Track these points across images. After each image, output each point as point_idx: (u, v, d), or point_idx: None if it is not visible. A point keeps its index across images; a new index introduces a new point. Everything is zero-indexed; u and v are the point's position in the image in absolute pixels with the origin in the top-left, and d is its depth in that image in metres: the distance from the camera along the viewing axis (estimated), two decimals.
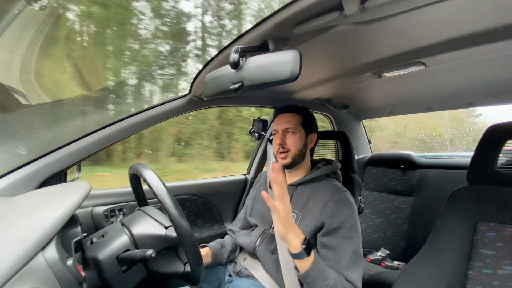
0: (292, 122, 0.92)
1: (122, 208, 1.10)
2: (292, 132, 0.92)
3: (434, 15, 0.60)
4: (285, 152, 0.91)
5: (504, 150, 0.79)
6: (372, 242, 1.65)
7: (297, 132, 0.92)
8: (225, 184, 1.49)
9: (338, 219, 0.80)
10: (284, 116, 0.94)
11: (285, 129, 0.92)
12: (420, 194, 1.57)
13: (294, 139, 0.91)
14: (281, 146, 0.91)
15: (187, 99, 1.08)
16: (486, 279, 0.69)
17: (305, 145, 0.94)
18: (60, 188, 0.67)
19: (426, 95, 1.39)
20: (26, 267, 0.42)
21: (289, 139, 0.91)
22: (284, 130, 0.92)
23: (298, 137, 0.91)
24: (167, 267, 0.73)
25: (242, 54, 0.59)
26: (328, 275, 0.71)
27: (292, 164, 0.92)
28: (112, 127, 0.95)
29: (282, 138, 0.91)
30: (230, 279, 0.95)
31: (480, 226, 0.75)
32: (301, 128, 0.93)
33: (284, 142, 0.91)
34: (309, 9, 0.54)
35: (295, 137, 0.91)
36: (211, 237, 1.37)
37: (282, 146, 0.91)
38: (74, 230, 0.64)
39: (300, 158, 0.93)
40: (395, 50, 0.83)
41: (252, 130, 1.49)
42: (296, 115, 0.94)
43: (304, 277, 0.70)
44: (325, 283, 0.69)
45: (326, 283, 0.69)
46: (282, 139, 0.91)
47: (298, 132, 0.92)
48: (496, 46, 0.74)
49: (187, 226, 0.65)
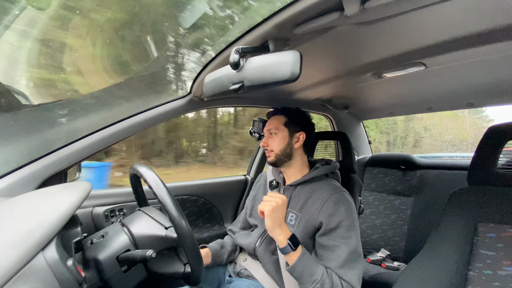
0: (273, 124, 0.96)
1: (122, 208, 1.10)
2: (274, 133, 0.96)
3: (435, 15, 0.60)
4: (269, 152, 0.96)
5: (504, 150, 0.79)
6: (372, 243, 1.65)
7: (278, 133, 0.95)
8: (225, 185, 1.49)
9: (336, 219, 0.80)
10: (270, 119, 1.00)
11: (268, 131, 0.97)
12: (420, 195, 1.57)
13: (276, 139, 0.95)
14: (265, 147, 0.97)
15: (187, 99, 1.08)
16: (486, 280, 0.69)
17: (289, 144, 0.95)
18: (60, 189, 0.67)
19: (426, 96, 1.39)
20: (26, 267, 0.43)
21: (272, 140, 0.95)
22: (268, 132, 0.97)
23: (279, 137, 0.94)
24: (167, 268, 0.73)
25: (243, 55, 0.59)
26: (315, 271, 0.73)
27: (276, 162, 0.95)
28: (112, 127, 0.95)
29: (265, 140, 0.97)
30: (230, 279, 0.95)
31: (481, 227, 0.75)
32: (283, 128, 0.95)
33: (267, 143, 0.96)
34: (310, 9, 0.54)
35: (277, 137, 0.95)
36: (211, 238, 1.37)
37: (265, 147, 0.97)
38: (74, 230, 0.64)
39: (286, 157, 0.94)
40: (395, 51, 0.83)
41: (252, 131, 1.49)
42: (279, 116, 0.97)
43: (291, 271, 0.75)
44: (312, 278, 0.72)
45: (314, 278, 0.72)
46: (265, 141, 0.97)
47: (280, 133, 0.95)
48: (496, 47, 0.74)
49: (187, 227, 0.65)
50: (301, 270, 0.73)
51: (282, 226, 0.78)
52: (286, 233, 0.77)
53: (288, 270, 0.76)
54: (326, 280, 0.72)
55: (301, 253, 0.75)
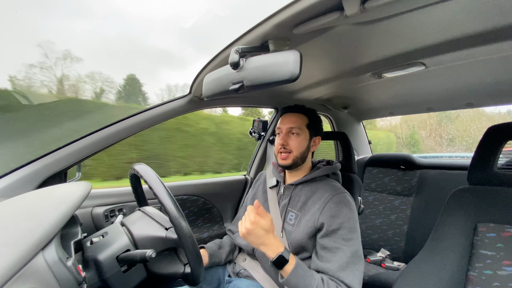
0: (297, 123, 0.90)
1: (122, 208, 1.10)
2: (296, 133, 0.90)
3: (434, 15, 0.60)
4: (287, 153, 0.90)
5: (504, 151, 0.79)
6: (372, 243, 1.65)
7: (301, 134, 0.90)
8: (225, 185, 1.49)
9: (338, 220, 0.80)
10: (290, 115, 0.93)
11: (289, 129, 0.90)
12: (420, 195, 1.57)
13: (297, 140, 0.89)
14: (283, 146, 0.90)
15: (187, 99, 1.08)
16: (486, 280, 0.69)
17: (308, 148, 0.92)
18: (60, 188, 0.67)
19: (426, 96, 1.39)
20: (26, 267, 0.42)
21: (292, 140, 0.90)
22: (288, 130, 0.90)
23: (301, 138, 0.90)
24: (166, 268, 0.73)
25: (242, 55, 0.59)
26: (310, 282, 0.71)
27: (292, 166, 0.91)
28: (112, 127, 0.95)
29: (284, 138, 0.90)
30: (229, 279, 0.95)
31: (480, 227, 0.75)
32: (305, 130, 0.91)
33: (286, 142, 0.89)
34: (310, 9, 0.53)
35: (299, 138, 0.90)
36: (211, 238, 1.37)
37: (284, 146, 0.90)
38: (74, 230, 0.64)
39: (301, 161, 0.92)
40: (395, 51, 0.83)
41: (252, 131, 1.49)
42: (302, 115, 0.92)
43: (285, 283, 0.73)
44: None
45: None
46: (284, 139, 0.90)
47: (302, 134, 0.90)
48: (496, 47, 0.74)
49: (187, 228, 0.65)
50: (295, 283, 0.72)
51: (266, 244, 0.73)
52: (273, 250, 0.73)
53: (282, 283, 0.74)
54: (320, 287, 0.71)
55: (294, 266, 0.73)
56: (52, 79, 5.40)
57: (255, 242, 0.74)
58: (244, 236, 0.74)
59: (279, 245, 0.74)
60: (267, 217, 0.75)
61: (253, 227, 0.72)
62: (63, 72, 5.73)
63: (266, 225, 0.73)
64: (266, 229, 0.73)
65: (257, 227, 0.72)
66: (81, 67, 5.89)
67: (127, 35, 25.42)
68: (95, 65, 6.82)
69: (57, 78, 5.48)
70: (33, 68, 5.17)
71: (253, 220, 0.73)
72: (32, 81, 4.70)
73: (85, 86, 5.87)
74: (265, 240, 0.73)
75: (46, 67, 5.42)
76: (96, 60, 13.40)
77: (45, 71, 5.30)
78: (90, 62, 9.89)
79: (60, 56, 6.09)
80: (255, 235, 0.73)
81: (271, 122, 1.55)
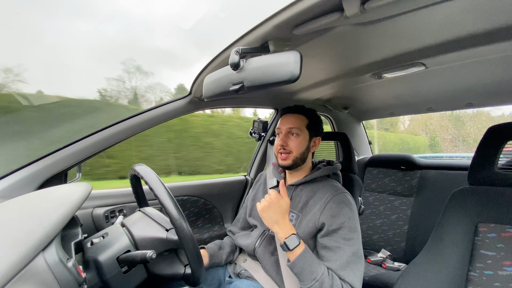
0: (296, 123, 0.90)
1: (123, 209, 1.10)
2: (295, 134, 0.90)
3: (434, 16, 0.60)
4: (286, 153, 0.90)
5: (504, 151, 0.79)
6: (372, 243, 1.65)
7: (300, 134, 0.90)
8: (226, 185, 1.49)
9: (339, 220, 0.80)
10: (289, 116, 0.93)
11: (288, 130, 0.90)
12: (420, 195, 1.57)
13: (297, 141, 0.90)
14: (283, 147, 0.90)
15: (187, 100, 1.08)
16: (487, 280, 0.69)
17: (308, 148, 0.92)
18: (60, 189, 0.67)
19: (426, 96, 1.39)
20: (26, 268, 0.42)
21: (292, 141, 0.90)
22: (287, 131, 0.91)
23: (301, 139, 0.90)
24: (167, 269, 0.73)
25: (243, 55, 0.59)
26: (315, 269, 0.73)
27: (291, 166, 0.91)
28: (112, 128, 0.95)
29: (284, 139, 0.90)
30: (230, 280, 0.95)
31: (481, 227, 0.75)
32: (305, 131, 0.92)
33: (286, 143, 0.89)
34: (310, 10, 0.54)
35: (298, 139, 0.90)
36: (211, 238, 1.37)
37: (283, 147, 0.90)
38: (74, 231, 0.64)
39: (301, 161, 0.92)
40: (395, 51, 0.83)
41: (252, 131, 1.49)
42: (301, 116, 0.93)
43: (291, 267, 0.75)
44: (311, 276, 0.72)
45: (313, 277, 0.72)
46: (284, 140, 0.90)
47: (302, 134, 0.90)
48: (496, 47, 0.74)
49: (188, 230, 0.65)
50: (301, 267, 0.73)
51: (280, 224, 0.77)
52: (285, 231, 0.76)
53: (288, 265, 0.76)
54: (326, 279, 0.72)
55: (303, 251, 0.74)
56: (129, 92, 6.15)
57: (271, 218, 0.77)
58: (263, 209, 0.78)
59: (291, 227, 0.78)
60: (287, 198, 0.80)
61: (274, 202, 0.77)
62: (136, 84, 6.56)
63: (285, 205, 0.79)
64: (284, 209, 0.78)
65: (277, 205, 0.78)
66: (147, 79, 6.66)
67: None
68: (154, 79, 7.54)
69: (132, 90, 6.25)
70: (114, 81, 5.91)
71: (274, 197, 0.78)
72: (114, 93, 5.34)
73: (151, 97, 6.70)
74: (280, 219, 0.77)
75: (122, 80, 6.21)
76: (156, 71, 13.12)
77: (121, 83, 6.05)
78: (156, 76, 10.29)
79: (134, 70, 6.92)
80: (273, 211, 0.77)
81: (271, 122, 1.55)
